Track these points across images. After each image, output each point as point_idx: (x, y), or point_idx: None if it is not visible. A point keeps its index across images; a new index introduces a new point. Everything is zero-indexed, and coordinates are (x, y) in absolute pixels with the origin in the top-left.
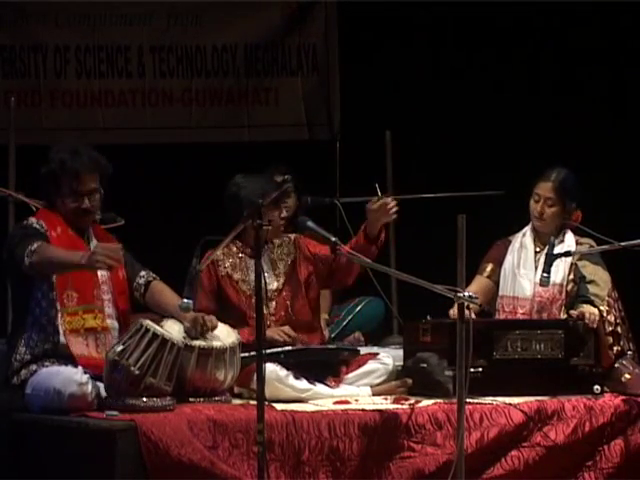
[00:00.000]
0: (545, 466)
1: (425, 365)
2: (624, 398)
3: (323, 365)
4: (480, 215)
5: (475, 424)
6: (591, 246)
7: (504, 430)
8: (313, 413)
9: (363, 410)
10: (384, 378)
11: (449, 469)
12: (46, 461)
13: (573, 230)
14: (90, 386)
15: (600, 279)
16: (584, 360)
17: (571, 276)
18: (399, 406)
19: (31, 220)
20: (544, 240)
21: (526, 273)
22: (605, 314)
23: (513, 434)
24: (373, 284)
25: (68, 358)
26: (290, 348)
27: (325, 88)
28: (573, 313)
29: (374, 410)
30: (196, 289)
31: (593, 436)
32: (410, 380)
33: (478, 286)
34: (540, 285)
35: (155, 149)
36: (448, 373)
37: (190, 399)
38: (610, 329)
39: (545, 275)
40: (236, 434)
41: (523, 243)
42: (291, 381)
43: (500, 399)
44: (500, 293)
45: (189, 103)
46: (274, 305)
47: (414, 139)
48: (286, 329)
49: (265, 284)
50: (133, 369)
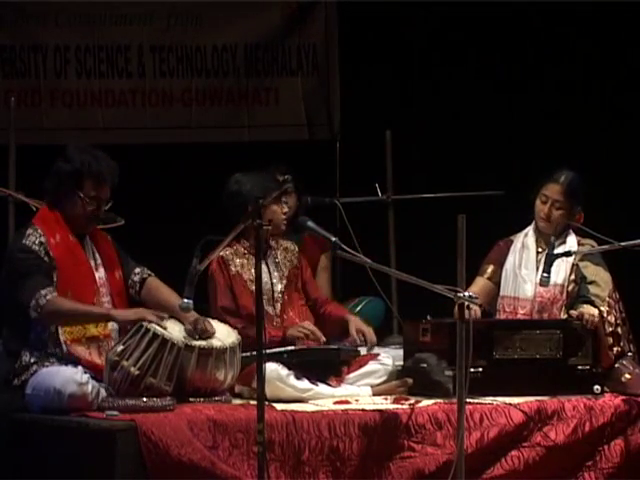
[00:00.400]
0: (545, 466)
1: (425, 365)
2: (624, 398)
3: (324, 365)
4: (480, 215)
5: (475, 424)
6: (593, 247)
7: (504, 430)
8: (313, 413)
9: (363, 410)
10: (384, 378)
11: (449, 469)
12: (46, 461)
13: (575, 231)
14: (90, 386)
15: (601, 280)
16: (582, 360)
17: (572, 276)
18: (399, 406)
19: (29, 232)
20: (547, 240)
21: (527, 273)
22: (605, 314)
23: (513, 434)
24: (373, 284)
25: (71, 361)
26: (292, 348)
27: (325, 88)
28: (573, 313)
29: (374, 410)
30: (209, 294)
31: (593, 436)
32: (410, 380)
33: (478, 287)
34: (540, 285)
35: (155, 149)
36: (448, 373)
37: (190, 399)
38: (610, 330)
39: (545, 275)
40: (236, 434)
41: (525, 243)
42: (292, 381)
43: (500, 399)
44: (501, 293)
45: (189, 103)
46: (279, 306)
47: (414, 139)
48: (305, 324)
49: (272, 285)
50: (133, 369)
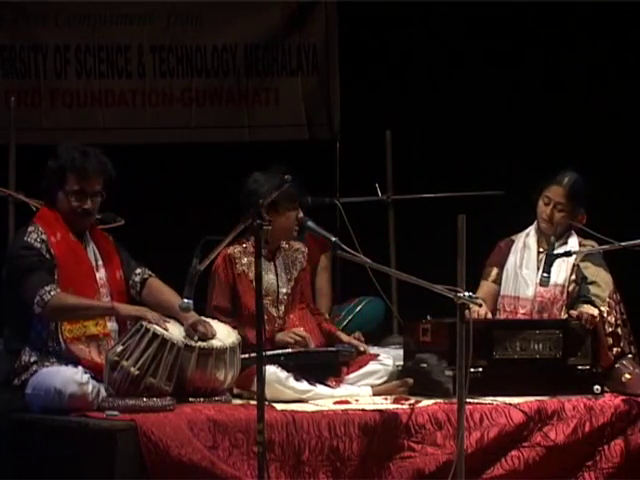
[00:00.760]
0: (545, 466)
1: (425, 365)
2: (624, 398)
3: (323, 366)
4: (480, 215)
5: (475, 424)
6: (593, 248)
7: (504, 430)
8: (313, 413)
9: (363, 410)
10: (385, 379)
11: (449, 469)
12: (46, 461)
13: (577, 232)
14: (90, 386)
15: (602, 280)
16: (581, 360)
17: (573, 277)
18: (399, 406)
19: (31, 230)
20: (548, 241)
21: (528, 273)
22: (605, 315)
23: (513, 434)
24: (373, 284)
25: (71, 360)
26: (290, 350)
27: (325, 88)
28: (572, 313)
29: (374, 410)
30: (207, 291)
31: (593, 436)
32: (411, 380)
33: (485, 292)
34: (540, 285)
35: (155, 149)
36: (448, 373)
37: (190, 399)
38: (610, 330)
39: (545, 275)
40: (236, 434)
41: (526, 243)
42: (292, 383)
43: (500, 399)
44: (502, 293)
45: (189, 103)
46: (283, 308)
47: (414, 139)
48: (297, 330)
49: (278, 286)
50: (133, 369)
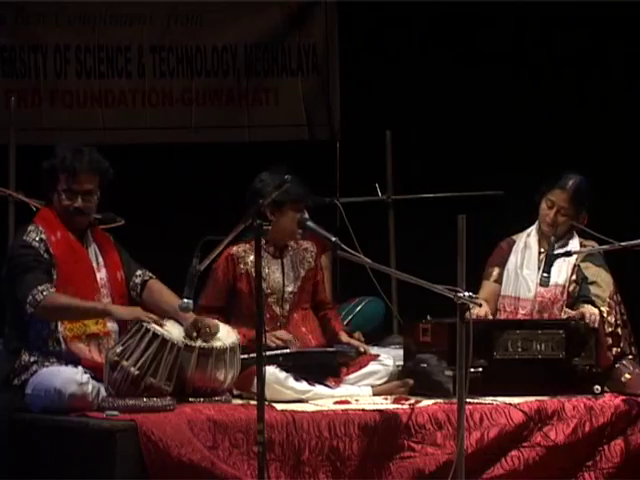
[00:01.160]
0: (545, 466)
1: (425, 365)
2: (624, 398)
3: (322, 367)
4: (480, 215)
5: (475, 424)
6: (594, 248)
7: (504, 430)
8: (313, 413)
9: (363, 410)
10: (385, 379)
11: (449, 469)
12: (46, 461)
13: (578, 232)
14: (90, 386)
15: (602, 281)
16: (585, 360)
17: (573, 277)
18: (399, 406)
19: (31, 229)
20: (549, 241)
21: (529, 274)
22: (606, 315)
23: (513, 434)
24: (373, 284)
25: (71, 360)
26: (289, 351)
27: (325, 88)
28: (571, 313)
29: (374, 410)
30: (202, 288)
31: (593, 436)
32: (411, 381)
33: (487, 292)
34: (540, 285)
35: (155, 149)
36: (448, 373)
37: (190, 399)
38: (610, 330)
39: (545, 275)
40: (236, 434)
41: (528, 243)
42: (291, 383)
43: (500, 399)
44: (502, 293)
45: (189, 103)
46: (288, 307)
47: (414, 139)
48: (278, 334)
49: (283, 285)
50: (133, 369)
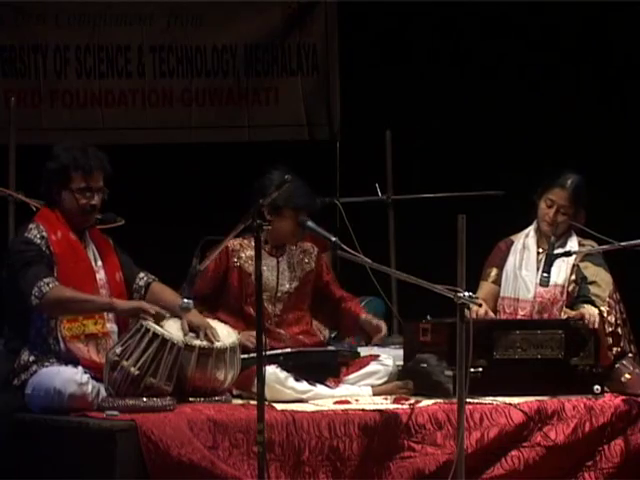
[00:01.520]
0: (545, 466)
1: (425, 365)
2: (624, 398)
3: (322, 367)
4: (480, 215)
5: (475, 424)
6: (593, 247)
7: (504, 430)
8: (313, 413)
9: (363, 410)
10: (385, 379)
11: (449, 469)
12: (46, 461)
13: (577, 232)
14: (90, 386)
15: (602, 280)
16: (584, 360)
17: (572, 277)
18: (399, 406)
19: (32, 227)
20: (548, 241)
21: (528, 274)
22: (606, 315)
23: (513, 434)
24: (373, 284)
25: (70, 360)
26: (288, 350)
27: (325, 88)
28: (571, 313)
29: (374, 410)
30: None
31: (593, 436)
32: (411, 383)
33: (485, 292)
34: (540, 285)
35: (155, 149)
36: (448, 373)
37: (190, 399)
38: (610, 330)
39: (545, 275)
40: (236, 434)
41: (526, 244)
42: (291, 383)
43: (500, 399)
44: (501, 294)
45: (189, 103)
46: (281, 306)
47: (414, 139)
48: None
49: (277, 284)
50: (133, 369)
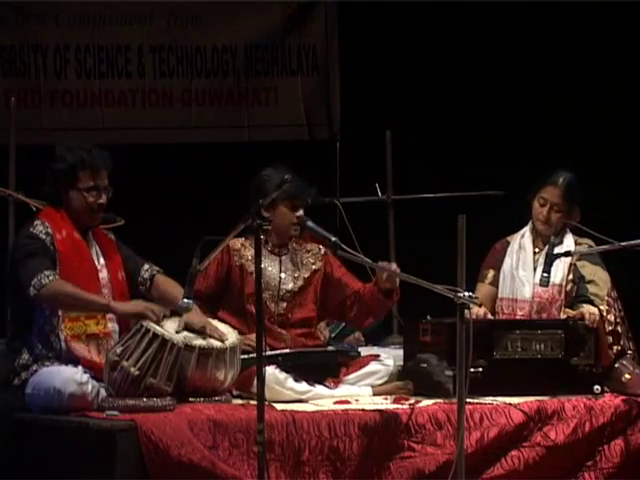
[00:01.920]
0: (545, 466)
1: (425, 365)
2: (624, 398)
3: (322, 367)
4: (480, 215)
5: (475, 424)
6: (590, 246)
7: (504, 430)
8: (313, 413)
9: (363, 410)
10: (385, 379)
11: (449, 469)
12: (46, 461)
13: (572, 230)
14: (90, 386)
15: (599, 279)
16: (584, 360)
17: (570, 276)
18: (399, 406)
19: (37, 223)
20: (544, 241)
21: (525, 275)
22: (605, 313)
23: (513, 434)
24: None
25: (70, 360)
26: (287, 351)
27: (325, 88)
28: (570, 313)
29: (374, 410)
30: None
31: (593, 436)
32: (411, 383)
33: (482, 294)
34: (540, 285)
35: (155, 149)
36: (448, 373)
37: (190, 399)
38: (610, 328)
39: (545, 275)
40: (236, 434)
41: (522, 244)
42: (290, 384)
43: (500, 399)
44: (499, 295)
45: (189, 103)
46: (284, 305)
47: (414, 139)
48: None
49: (279, 283)
50: (133, 369)
